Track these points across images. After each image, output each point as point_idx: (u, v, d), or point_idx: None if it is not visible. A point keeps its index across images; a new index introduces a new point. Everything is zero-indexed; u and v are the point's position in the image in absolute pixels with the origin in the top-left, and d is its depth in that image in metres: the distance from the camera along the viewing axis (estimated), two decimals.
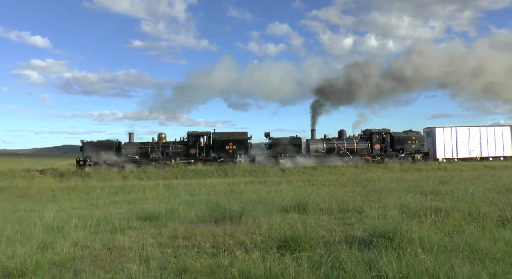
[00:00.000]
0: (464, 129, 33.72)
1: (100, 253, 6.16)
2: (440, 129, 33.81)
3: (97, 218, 9.00)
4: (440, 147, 33.52)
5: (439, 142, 33.57)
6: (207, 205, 10.78)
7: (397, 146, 33.48)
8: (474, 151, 33.35)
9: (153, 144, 32.73)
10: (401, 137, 33.60)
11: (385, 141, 33.76)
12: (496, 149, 33.57)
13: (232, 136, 32.98)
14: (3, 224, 8.23)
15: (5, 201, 14.39)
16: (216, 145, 32.67)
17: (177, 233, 7.36)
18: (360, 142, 33.89)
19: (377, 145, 33.59)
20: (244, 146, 32.66)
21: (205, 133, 33.21)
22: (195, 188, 16.45)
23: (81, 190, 16.93)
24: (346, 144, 33.48)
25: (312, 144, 33.62)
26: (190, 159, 32.24)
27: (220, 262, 5.18)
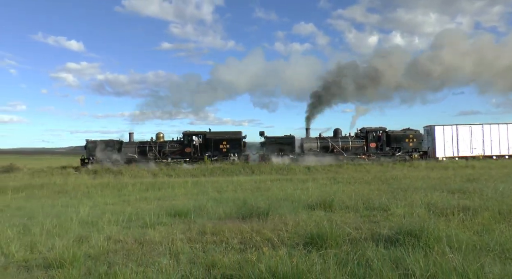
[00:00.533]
0: (465, 128, 32.84)
1: (132, 247, 6.42)
2: (440, 128, 33.03)
3: (129, 213, 9.30)
4: (440, 146, 32.76)
5: (438, 140, 32.85)
6: (235, 202, 10.95)
7: (393, 144, 33.18)
8: (477, 150, 32.42)
9: (151, 143, 33.85)
10: (397, 135, 33.25)
11: (380, 139, 33.45)
12: (501, 147, 32.41)
13: (226, 135, 33.69)
14: (43, 218, 8.68)
15: (45, 196, 15.04)
16: (210, 144, 33.36)
17: (205, 229, 7.54)
18: (356, 141, 33.76)
19: (372, 143, 33.30)
20: (237, 145, 33.33)
21: (200, 133, 34.01)
22: (222, 185, 16.68)
23: (114, 186, 17.44)
24: (341, 143, 33.42)
25: (306, 142, 33.70)
26: (185, 158, 33.20)
27: (248, 257, 5.32)
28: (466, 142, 32.47)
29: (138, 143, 34.10)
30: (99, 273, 5.03)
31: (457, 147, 32.50)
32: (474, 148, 32.34)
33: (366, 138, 33.58)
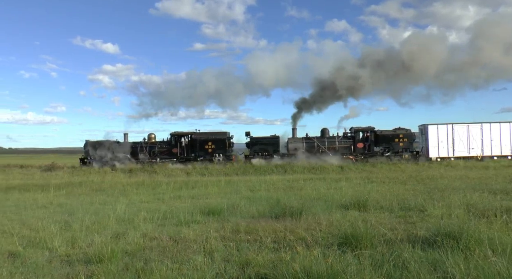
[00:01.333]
0: (462, 127, 30.97)
1: (167, 244, 6.54)
2: (433, 127, 31.24)
3: (164, 211, 9.50)
4: (433, 145, 31.02)
5: (432, 139, 31.06)
6: (268, 201, 10.96)
7: (382, 144, 32.24)
8: (475, 150, 30.54)
9: (142, 144, 34.90)
10: (386, 135, 32.21)
11: (368, 139, 32.55)
12: (502, 147, 30.20)
13: (212, 136, 34.29)
14: (83, 215, 8.99)
15: (83, 194, 15.61)
16: (196, 145, 33.93)
17: (239, 227, 7.60)
18: (343, 141, 33.13)
19: (359, 143, 32.57)
20: (222, 145, 33.71)
21: (187, 134, 34.71)
22: (255, 184, 16.73)
23: (148, 185, 17.85)
24: (327, 143, 32.91)
25: (291, 142, 33.46)
26: (173, 158, 33.99)
27: (282, 257, 5.31)
28: (463, 142, 30.73)
29: (131, 144, 35.32)
30: (136, 269, 5.16)
31: (452, 147, 30.80)
32: (471, 148, 30.57)
33: (353, 139, 33.05)
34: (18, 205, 12.61)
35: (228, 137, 34.34)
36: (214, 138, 34.04)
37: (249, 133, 34.19)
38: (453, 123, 31.20)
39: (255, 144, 33.58)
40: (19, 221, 9.28)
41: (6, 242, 7.02)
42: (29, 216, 10.06)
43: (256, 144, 33.56)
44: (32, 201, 13.58)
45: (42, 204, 12.74)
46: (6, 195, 15.89)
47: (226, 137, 34.01)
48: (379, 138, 32.35)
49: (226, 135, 34.34)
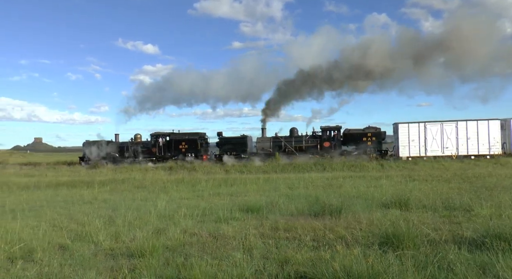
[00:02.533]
0: (435, 125, 29.73)
1: (207, 241, 6.63)
2: (404, 125, 30.08)
3: (203, 208, 9.62)
4: (404, 144, 29.95)
5: (402, 138, 29.99)
6: (306, 198, 10.88)
7: (350, 143, 31.98)
8: (449, 149, 29.30)
9: (128, 144, 37.52)
10: (354, 134, 31.81)
11: (335, 138, 32.24)
12: (480, 146, 28.81)
13: (185, 136, 36.01)
14: (125, 210, 9.28)
15: (126, 190, 16.13)
16: (172, 145, 35.76)
17: (278, 225, 7.59)
18: (310, 140, 32.97)
19: (326, 142, 32.27)
20: (194, 146, 35.31)
21: (165, 134, 36.62)
22: (294, 182, 16.66)
23: (188, 182, 18.18)
24: (294, 142, 32.91)
25: (259, 142, 34.01)
26: (152, 157, 36.02)
27: (321, 255, 5.26)
28: (436, 141, 29.51)
29: (120, 143, 38.00)
30: (176, 264, 5.27)
31: (424, 146, 29.66)
32: (446, 147, 29.35)
33: (320, 138, 32.82)
34: (66, 201, 13.20)
35: (201, 138, 36.14)
36: (187, 138, 35.78)
37: (220, 134, 35.60)
38: (426, 122, 30.16)
39: (224, 144, 34.66)
40: (67, 216, 9.71)
41: (56, 235, 7.36)
42: (76, 211, 10.51)
43: (225, 144, 34.64)
44: (79, 196, 14.17)
45: (88, 199, 13.27)
46: (56, 191, 16.68)
47: (197, 138, 35.70)
48: (347, 137, 32.19)
49: (198, 136, 36.14)
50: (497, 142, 28.69)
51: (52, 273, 5.07)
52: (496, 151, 28.56)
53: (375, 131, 31.56)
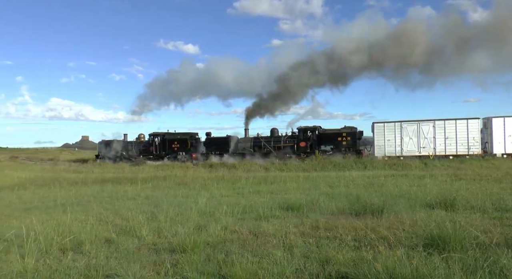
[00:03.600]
0: (412, 125, 29.63)
1: (247, 238, 6.66)
2: (379, 125, 30.19)
3: (243, 205, 9.68)
4: (380, 144, 30.04)
5: (378, 138, 30.12)
6: (347, 197, 10.71)
7: (325, 143, 32.59)
8: (426, 149, 29.08)
9: (133, 143, 41.04)
10: (329, 134, 32.57)
11: (310, 138, 32.81)
12: (458, 146, 28.33)
13: (177, 136, 38.73)
14: (167, 207, 9.49)
15: (167, 187, 16.53)
16: (166, 144, 38.41)
17: (318, 223, 7.51)
18: (288, 140, 33.83)
19: (302, 142, 33.03)
20: (184, 145, 37.66)
21: (160, 134, 39.29)
22: (334, 180, 16.45)
23: (228, 179, 18.36)
24: (273, 142, 33.92)
25: (241, 142, 35.54)
26: (150, 156, 38.76)
27: (363, 256, 5.15)
28: (413, 140, 29.41)
29: (126, 142, 41.30)
30: (217, 260, 5.33)
31: (400, 146, 29.55)
32: (422, 147, 29.11)
33: (297, 138, 33.53)
34: (111, 196, 13.70)
35: (191, 138, 38.31)
36: (179, 138, 38.39)
37: (209, 134, 37.78)
38: (402, 121, 30.10)
39: (210, 144, 36.72)
40: (112, 211, 10.06)
41: (102, 229, 7.64)
42: (121, 206, 10.87)
43: (210, 144, 36.67)
44: (123, 192, 14.67)
45: (131, 195, 13.70)
46: (102, 187, 17.35)
47: (188, 138, 38.10)
48: (323, 137, 32.87)
49: (189, 136, 38.72)
50: (477, 141, 28.26)
51: (99, 265, 5.27)
52: (476, 151, 28.13)
53: (350, 131, 32.08)
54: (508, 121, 27.63)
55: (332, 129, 33.23)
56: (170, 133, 39.37)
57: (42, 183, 19.95)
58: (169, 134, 39.16)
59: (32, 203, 12.81)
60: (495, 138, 27.66)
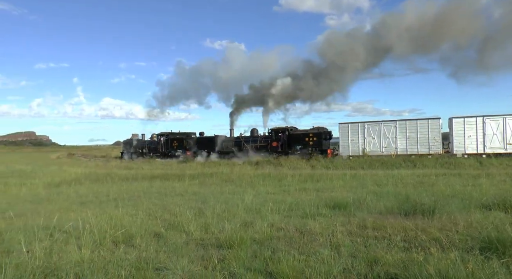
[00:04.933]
0: (375, 125, 30.58)
1: (294, 236, 6.62)
2: (344, 125, 31.59)
3: (289, 203, 9.64)
4: (344, 144, 31.50)
5: (343, 138, 31.60)
6: (396, 196, 10.39)
7: (294, 143, 33.86)
8: (388, 148, 29.91)
9: (146, 142, 45.04)
10: (297, 135, 34.05)
11: (281, 138, 34.52)
12: (419, 146, 28.94)
13: (177, 136, 42.22)
14: (214, 203, 9.65)
15: (214, 184, 16.80)
16: (168, 143, 42.05)
17: (366, 223, 7.33)
18: (263, 140, 35.70)
19: (274, 142, 34.75)
20: (181, 144, 41.00)
21: (165, 134, 42.88)
22: (382, 179, 16.02)
23: (274, 177, 18.37)
24: (251, 142, 35.78)
25: (225, 141, 37.92)
26: (157, 153, 42.58)
27: (414, 257, 4.97)
28: (375, 140, 30.41)
29: (143, 141, 45.53)
30: (264, 257, 5.34)
31: (363, 145, 30.68)
32: (384, 146, 30.02)
33: (270, 138, 35.33)
34: (160, 192, 14.11)
35: (188, 137, 41.38)
36: (177, 137, 41.81)
37: (202, 134, 41.28)
38: (365, 122, 31.18)
39: (199, 143, 39.67)
40: (161, 206, 10.35)
41: (152, 223, 7.88)
42: (169, 202, 11.16)
43: (200, 143, 39.58)
44: (171, 189, 15.07)
45: (179, 191, 14.04)
46: (151, 183, 17.91)
47: (184, 137, 41.34)
48: (292, 138, 34.25)
49: (186, 135, 42.04)
50: (437, 141, 28.67)
51: (149, 258, 5.44)
52: (437, 150, 28.53)
53: (317, 131, 33.37)
54: (468, 121, 27.57)
55: (301, 130, 34.91)
56: (173, 133, 42.89)
57: (96, 179, 20.91)
58: (172, 134, 42.68)
59: (87, 197, 13.45)
60: (455, 138, 27.90)
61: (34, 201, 13.07)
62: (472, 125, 27.24)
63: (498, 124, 26.61)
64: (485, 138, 26.82)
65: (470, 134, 27.20)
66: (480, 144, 26.97)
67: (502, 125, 26.50)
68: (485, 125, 26.83)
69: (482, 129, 26.88)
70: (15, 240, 6.57)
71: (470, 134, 27.21)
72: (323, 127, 33.81)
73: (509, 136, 26.20)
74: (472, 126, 27.20)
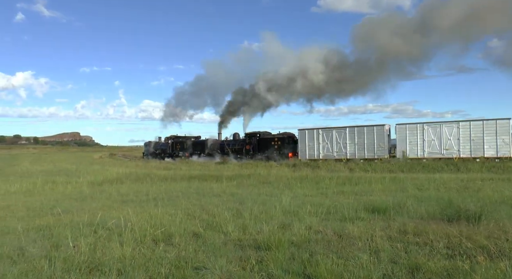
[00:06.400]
0: (328, 131, 33.07)
1: (332, 239, 6.53)
2: (302, 131, 34.45)
3: (327, 206, 9.52)
4: (303, 148, 34.20)
5: (301, 143, 34.31)
6: (438, 201, 10.04)
7: (263, 146, 37.19)
8: (339, 153, 32.43)
9: (157, 143, 50.34)
10: (264, 139, 37.66)
11: (253, 142, 38.03)
12: (366, 151, 31.01)
13: (180, 139, 47.31)
14: (252, 204, 9.69)
15: (251, 185, 16.86)
16: (174, 145, 47.03)
17: (406, 228, 7.12)
18: (240, 143, 39.50)
19: (247, 146, 38.44)
20: (183, 146, 45.68)
21: (171, 137, 48.36)
22: (423, 183, 15.53)
23: (311, 179, 18.20)
24: (231, 145, 39.92)
25: (212, 144, 42.47)
26: (167, 155, 46.91)
27: (458, 265, 4.79)
28: (328, 145, 32.86)
29: (159, 143, 50.32)
30: (302, 260, 5.30)
31: (318, 150, 33.21)
32: (336, 151, 32.48)
33: (244, 142, 39.09)
34: (198, 192, 14.32)
35: (188, 140, 46.01)
36: (180, 141, 46.55)
37: (198, 137, 46.65)
38: (320, 128, 33.73)
39: (194, 145, 44.52)
40: (199, 206, 10.50)
41: (190, 223, 8.01)
42: (207, 203, 11.30)
43: (194, 145, 44.49)
44: (209, 189, 15.25)
45: (217, 192, 14.18)
46: (189, 183, 18.22)
47: (185, 141, 45.99)
48: (260, 142, 37.78)
49: (186, 139, 46.74)
50: (381, 147, 30.43)
51: (188, 257, 5.53)
52: (381, 155, 30.24)
53: (281, 137, 36.90)
54: (409, 128, 29.40)
55: (270, 135, 38.41)
56: (178, 137, 47.93)
57: (136, 178, 21.50)
58: (177, 138, 47.77)
59: (128, 196, 13.84)
60: (398, 144, 29.78)
61: (79, 198, 13.61)
62: (413, 132, 29.29)
63: (436, 131, 28.64)
64: (424, 144, 28.91)
65: (411, 140, 29.21)
66: (421, 149, 28.95)
67: (440, 132, 28.52)
68: (424, 131, 28.87)
69: (423, 135, 28.93)
70: (63, 235, 6.88)
71: (411, 141, 29.22)
72: (290, 133, 37.27)
73: (446, 142, 28.07)
74: (414, 132, 29.25)
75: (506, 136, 26.08)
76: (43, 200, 13.01)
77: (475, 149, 27.01)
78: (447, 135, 27.96)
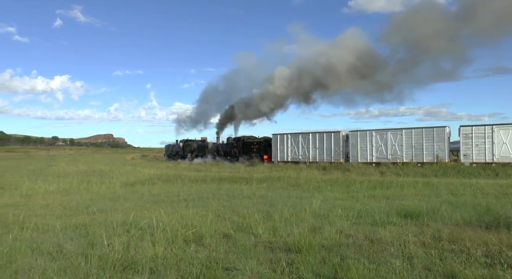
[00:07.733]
0: (296, 136, 35.99)
1: (363, 243, 6.44)
2: (276, 136, 37.54)
3: (358, 210, 9.38)
4: (275, 151, 37.35)
5: (274, 146, 37.46)
6: (474, 207, 9.72)
7: (246, 149, 40.43)
8: (302, 156, 35.32)
9: (173, 145, 53.78)
10: (247, 142, 40.83)
11: (238, 145, 41.19)
12: (325, 155, 33.95)
13: (188, 142, 50.42)
14: (282, 207, 9.67)
15: (281, 188, 16.83)
16: (184, 148, 50.66)
17: (441, 234, 6.93)
18: (230, 146, 42.77)
19: (235, 148, 41.64)
20: (190, 148, 49.25)
21: (184, 140, 51.55)
22: (458, 188, 15.06)
23: (342, 182, 17.97)
24: (225, 148, 43.43)
25: (210, 146, 45.92)
26: (179, 156, 50.35)
27: (498, 275, 4.62)
28: (294, 149, 35.95)
29: (172, 145, 54.21)
30: (333, 264, 5.25)
31: (286, 153, 36.40)
32: (301, 154, 35.42)
33: (232, 145, 42.37)
34: (228, 194, 14.39)
35: (194, 143, 49.34)
36: (189, 143, 49.86)
37: (205, 140, 48.84)
38: (289, 133, 36.65)
39: (197, 147, 48.03)
40: (229, 208, 10.56)
41: (221, 225, 8.07)
42: (237, 204, 11.35)
43: (198, 147, 47.99)
44: (239, 191, 15.31)
45: (247, 194, 14.21)
46: (219, 185, 18.35)
47: (192, 143, 49.48)
48: (244, 145, 40.84)
49: (193, 142, 49.90)
50: (337, 152, 33.30)
51: (219, 258, 5.58)
52: (337, 159, 33.04)
53: (259, 141, 39.91)
54: (361, 134, 32.08)
55: (251, 139, 41.22)
56: (188, 140, 51.03)
57: (167, 179, 21.82)
58: (187, 141, 50.96)
59: (159, 196, 14.08)
60: (351, 149, 32.55)
61: (112, 198, 13.95)
62: (364, 138, 31.88)
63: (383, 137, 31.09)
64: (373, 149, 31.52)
65: (362, 146, 31.86)
66: (370, 155, 31.57)
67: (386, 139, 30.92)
68: (372, 138, 31.51)
69: (371, 141, 31.63)
70: (98, 233, 7.07)
71: (362, 146, 31.89)
72: (268, 137, 39.35)
73: (390, 148, 30.55)
74: (364, 139, 31.85)
75: (442, 143, 28.47)
76: (78, 199, 13.44)
77: (416, 154, 29.57)
78: (392, 141, 30.65)
